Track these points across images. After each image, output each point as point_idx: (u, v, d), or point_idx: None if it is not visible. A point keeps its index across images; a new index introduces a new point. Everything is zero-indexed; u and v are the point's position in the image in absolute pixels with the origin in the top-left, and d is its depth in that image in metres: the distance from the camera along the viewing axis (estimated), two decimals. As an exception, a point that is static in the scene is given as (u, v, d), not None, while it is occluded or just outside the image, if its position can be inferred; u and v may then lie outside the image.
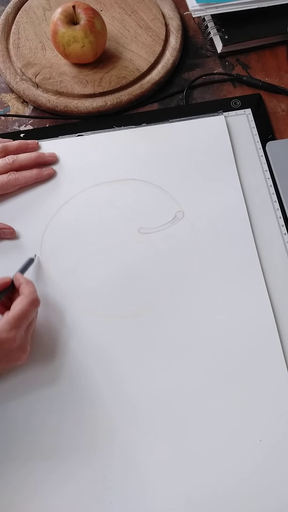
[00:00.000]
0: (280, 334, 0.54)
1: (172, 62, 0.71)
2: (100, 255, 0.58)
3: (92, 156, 0.65)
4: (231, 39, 0.72)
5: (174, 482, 0.47)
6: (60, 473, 0.48)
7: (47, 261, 0.58)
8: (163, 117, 0.68)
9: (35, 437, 0.49)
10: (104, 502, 0.47)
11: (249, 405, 0.50)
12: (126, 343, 0.53)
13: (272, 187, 0.62)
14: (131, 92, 0.69)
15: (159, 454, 0.49)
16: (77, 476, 0.48)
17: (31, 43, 0.72)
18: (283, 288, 0.56)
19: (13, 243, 0.59)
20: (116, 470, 0.48)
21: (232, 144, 0.65)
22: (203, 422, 0.50)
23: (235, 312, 0.55)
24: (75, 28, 0.64)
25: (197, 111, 0.68)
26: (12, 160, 0.61)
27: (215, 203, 0.61)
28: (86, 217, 0.61)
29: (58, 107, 0.68)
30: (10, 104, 0.71)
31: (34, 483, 0.48)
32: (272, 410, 0.50)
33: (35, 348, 0.53)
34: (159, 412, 0.50)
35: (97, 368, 0.52)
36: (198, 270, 0.57)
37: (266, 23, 0.73)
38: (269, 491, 0.47)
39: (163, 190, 0.62)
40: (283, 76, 0.72)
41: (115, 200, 0.61)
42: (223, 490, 0.47)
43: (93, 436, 0.49)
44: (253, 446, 0.49)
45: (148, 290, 0.56)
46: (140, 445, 0.49)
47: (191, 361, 0.53)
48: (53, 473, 0.48)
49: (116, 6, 0.75)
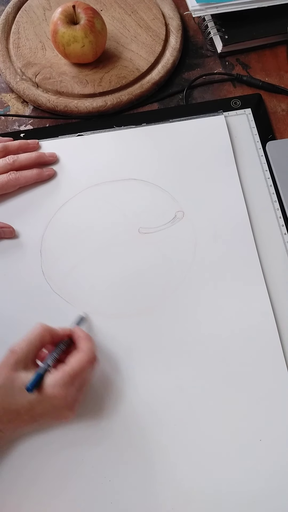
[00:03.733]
0: (280, 334, 0.54)
1: (172, 62, 0.71)
2: (100, 255, 0.58)
3: (92, 156, 0.65)
4: (231, 39, 0.72)
5: (174, 482, 0.47)
6: (60, 473, 0.48)
7: (47, 260, 0.58)
8: (163, 117, 0.68)
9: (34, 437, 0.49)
10: (104, 502, 0.47)
11: (249, 405, 0.50)
12: (126, 343, 0.53)
13: (272, 187, 0.62)
14: (131, 92, 0.69)
15: (159, 453, 0.49)
16: (77, 476, 0.48)
17: (31, 43, 0.72)
18: (283, 288, 0.56)
19: (13, 242, 0.59)
20: (116, 470, 0.48)
21: (232, 144, 0.65)
22: (203, 422, 0.50)
23: (235, 312, 0.55)
24: (75, 28, 0.64)
25: (197, 111, 0.68)
26: (12, 160, 0.61)
27: (215, 203, 0.61)
28: (86, 217, 0.61)
29: (58, 107, 0.68)
30: (10, 104, 0.71)
31: (34, 483, 0.48)
32: (272, 410, 0.50)
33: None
34: (159, 411, 0.50)
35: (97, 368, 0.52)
36: (198, 270, 0.57)
37: (266, 23, 0.73)
38: (269, 491, 0.47)
39: (163, 190, 0.62)
40: (283, 76, 0.72)
41: (115, 200, 0.61)
42: (223, 490, 0.47)
43: (93, 436, 0.49)
44: (253, 446, 0.49)
45: (148, 290, 0.56)
46: (140, 445, 0.49)
47: (191, 361, 0.53)
48: (53, 473, 0.48)
49: (116, 6, 0.75)
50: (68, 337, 0.50)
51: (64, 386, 0.44)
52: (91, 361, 0.47)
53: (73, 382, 0.45)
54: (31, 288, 0.56)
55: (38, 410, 0.44)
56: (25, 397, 0.44)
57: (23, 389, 0.44)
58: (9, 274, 0.57)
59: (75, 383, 0.45)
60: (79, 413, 0.50)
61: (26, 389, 0.43)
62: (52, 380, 0.45)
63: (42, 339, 0.47)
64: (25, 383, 0.44)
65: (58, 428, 0.49)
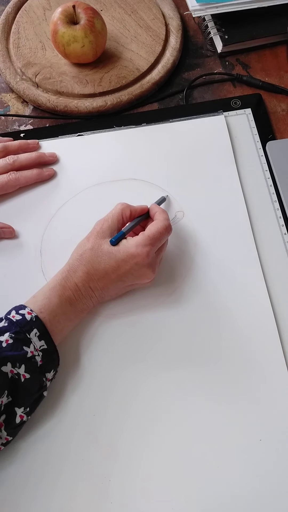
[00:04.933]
0: (280, 333, 0.54)
1: (172, 62, 0.71)
2: (100, 255, 0.58)
3: (92, 156, 0.65)
4: (231, 39, 0.72)
5: (174, 482, 0.47)
6: (60, 473, 0.48)
7: (47, 260, 0.58)
8: (163, 117, 0.68)
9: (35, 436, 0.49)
10: (104, 502, 0.47)
11: (249, 405, 0.50)
12: (125, 343, 0.53)
13: (272, 187, 0.62)
14: (131, 92, 0.69)
15: (159, 453, 0.49)
16: (77, 476, 0.48)
17: (31, 43, 0.72)
18: (283, 288, 0.56)
19: (13, 242, 0.59)
20: (116, 470, 0.48)
21: (232, 144, 0.65)
22: (203, 422, 0.50)
23: (235, 312, 0.55)
24: (75, 28, 0.64)
25: (197, 111, 0.68)
26: (12, 160, 0.61)
27: (215, 203, 0.61)
28: (86, 217, 0.60)
29: (58, 107, 0.68)
30: (10, 104, 0.71)
31: (34, 483, 0.48)
32: (272, 410, 0.50)
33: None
34: (159, 411, 0.50)
35: (97, 368, 0.52)
36: (198, 270, 0.57)
37: (266, 23, 0.73)
38: (269, 491, 0.47)
39: (163, 190, 0.62)
40: (283, 76, 0.72)
41: (115, 200, 0.61)
42: (223, 490, 0.47)
43: (93, 436, 0.49)
44: (253, 446, 0.49)
45: (148, 290, 0.56)
46: (140, 445, 0.49)
47: (191, 361, 0.53)
48: (54, 473, 0.48)
49: (116, 6, 0.75)
50: (145, 212, 0.56)
51: (146, 246, 0.50)
52: (167, 228, 0.53)
53: (153, 243, 0.51)
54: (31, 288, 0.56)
55: (123, 269, 0.50)
56: (112, 258, 0.50)
57: (111, 251, 0.50)
58: (9, 274, 0.57)
59: (155, 245, 0.51)
60: (79, 413, 0.50)
61: (110, 242, 0.51)
62: (134, 241, 0.51)
63: (123, 212, 0.53)
64: (111, 247, 0.50)
65: (58, 428, 0.49)
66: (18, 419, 0.45)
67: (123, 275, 0.51)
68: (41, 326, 0.47)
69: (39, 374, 0.46)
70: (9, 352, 0.45)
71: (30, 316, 0.47)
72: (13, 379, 0.44)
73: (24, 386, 0.45)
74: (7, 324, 0.47)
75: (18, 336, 0.46)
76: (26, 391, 0.45)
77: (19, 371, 0.45)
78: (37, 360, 0.46)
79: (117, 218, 0.53)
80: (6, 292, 0.56)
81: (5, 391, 0.44)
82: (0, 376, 0.44)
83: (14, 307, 0.49)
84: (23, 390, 0.45)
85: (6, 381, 0.44)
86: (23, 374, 0.45)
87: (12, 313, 0.48)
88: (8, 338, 0.45)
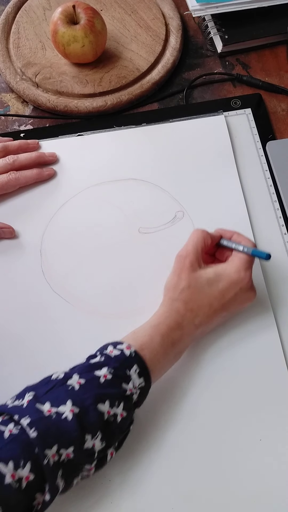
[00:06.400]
0: (281, 334, 0.54)
1: (172, 62, 0.71)
2: (100, 255, 0.58)
3: (92, 156, 0.65)
4: (231, 38, 0.72)
5: (174, 482, 0.47)
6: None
7: (47, 260, 0.58)
8: (163, 117, 0.68)
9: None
10: (104, 502, 0.47)
11: (249, 405, 0.50)
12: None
13: (272, 187, 0.62)
14: (131, 92, 0.69)
15: (159, 453, 0.49)
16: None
17: (31, 43, 0.72)
18: (283, 288, 0.56)
19: (13, 242, 0.59)
20: (116, 470, 0.48)
21: (232, 144, 0.65)
22: (202, 422, 0.50)
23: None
24: (75, 28, 0.64)
25: (197, 111, 0.68)
26: (12, 160, 0.61)
27: (215, 203, 0.61)
28: (86, 217, 0.61)
29: (58, 107, 0.68)
30: (10, 104, 0.71)
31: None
32: (272, 410, 0.50)
33: (35, 349, 0.53)
34: (159, 411, 0.50)
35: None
36: (198, 270, 0.57)
37: (266, 23, 0.73)
38: (269, 491, 0.47)
39: (163, 190, 0.62)
40: (283, 76, 0.72)
41: (115, 200, 0.61)
42: (223, 490, 0.47)
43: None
44: (253, 446, 0.49)
45: (148, 290, 0.56)
46: (140, 444, 0.49)
47: (191, 361, 0.52)
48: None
49: (116, 5, 0.75)
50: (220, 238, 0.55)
51: (247, 269, 0.50)
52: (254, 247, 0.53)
53: (250, 266, 0.51)
54: (31, 288, 0.56)
55: (228, 297, 0.50)
56: (216, 288, 0.49)
57: (211, 283, 0.50)
58: (9, 274, 0.57)
59: (251, 268, 0.51)
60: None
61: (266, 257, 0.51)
62: (234, 266, 0.50)
63: (205, 241, 0.52)
64: (208, 278, 0.50)
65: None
66: (108, 457, 0.43)
67: (227, 303, 0.50)
68: (142, 363, 0.45)
69: (133, 411, 0.45)
70: (108, 390, 0.42)
71: (129, 351, 0.45)
72: (109, 422, 0.42)
73: (119, 426, 0.43)
74: (103, 359, 0.44)
75: (118, 372, 0.43)
76: (120, 430, 0.43)
77: (116, 411, 0.42)
78: (133, 398, 0.44)
79: (201, 247, 0.52)
80: (6, 292, 0.56)
81: (98, 431, 0.41)
82: (96, 414, 0.41)
83: (112, 342, 0.46)
84: (118, 430, 0.43)
85: (102, 422, 0.41)
86: (121, 413, 0.42)
87: (109, 348, 0.46)
88: (107, 374, 0.43)
